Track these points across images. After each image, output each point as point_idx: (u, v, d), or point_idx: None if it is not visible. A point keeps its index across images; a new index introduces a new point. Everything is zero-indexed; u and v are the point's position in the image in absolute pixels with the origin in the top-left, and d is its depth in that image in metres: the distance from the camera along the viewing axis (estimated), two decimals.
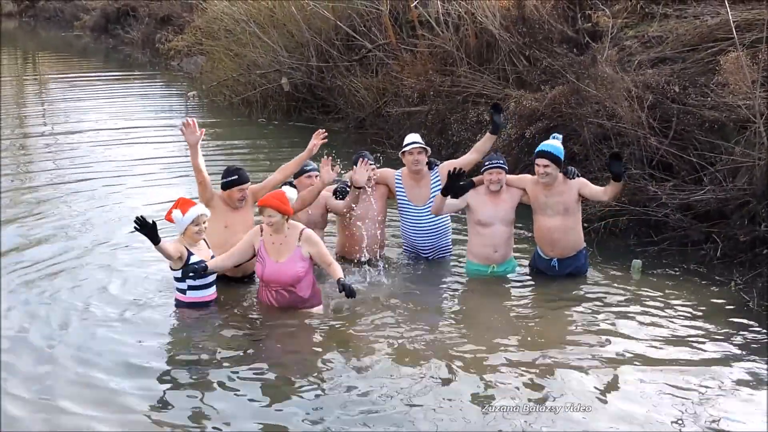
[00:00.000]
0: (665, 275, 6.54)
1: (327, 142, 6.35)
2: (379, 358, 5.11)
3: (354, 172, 6.22)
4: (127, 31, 27.53)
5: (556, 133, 6.46)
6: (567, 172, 6.17)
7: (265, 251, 5.58)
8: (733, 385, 4.78)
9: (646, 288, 6.26)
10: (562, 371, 4.92)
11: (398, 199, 6.71)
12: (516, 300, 6.15)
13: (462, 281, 6.47)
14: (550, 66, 9.04)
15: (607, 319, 5.71)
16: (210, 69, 15.83)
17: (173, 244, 5.52)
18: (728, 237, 6.73)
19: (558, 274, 6.31)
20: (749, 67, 7.07)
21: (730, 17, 7.63)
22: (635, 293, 6.17)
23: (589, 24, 9.57)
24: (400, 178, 6.70)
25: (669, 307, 5.90)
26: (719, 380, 4.82)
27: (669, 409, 4.50)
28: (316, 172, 6.37)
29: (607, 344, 5.32)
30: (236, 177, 6.04)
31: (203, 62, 16.92)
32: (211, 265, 5.54)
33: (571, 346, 5.27)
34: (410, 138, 6.63)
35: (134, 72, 22.20)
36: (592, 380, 4.83)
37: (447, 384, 4.81)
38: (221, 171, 6.22)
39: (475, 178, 6.35)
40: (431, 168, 6.62)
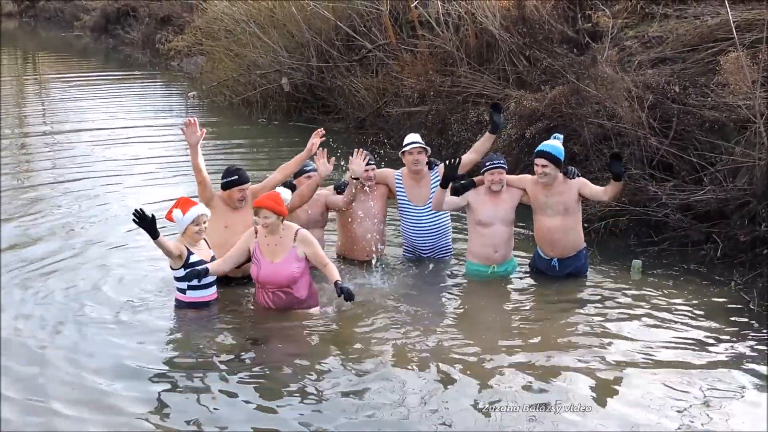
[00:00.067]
0: (665, 275, 6.53)
1: (326, 142, 6.33)
2: (379, 360, 5.09)
3: (351, 163, 6.23)
4: (127, 31, 27.50)
5: (557, 133, 6.46)
6: (567, 172, 6.17)
7: (260, 252, 5.55)
8: (734, 386, 4.77)
9: (647, 288, 6.26)
10: (563, 372, 4.91)
11: (398, 199, 6.71)
12: (516, 300, 6.15)
13: (462, 281, 6.46)
14: (551, 66, 9.04)
15: (608, 319, 5.70)
16: (210, 69, 15.81)
17: (173, 243, 5.51)
18: (728, 237, 6.73)
19: (558, 274, 6.30)
20: (749, 67, 7.07)
21: (730, 17, 7.63)
22: (635, 293, 6.16)
23: (589, 24, 9.57)
24: (401, 178, 6.70)
25: (669, 307, 5.90)
26: (720, 380, 4.81)
27: (669, 410, 4.49)
28: (315, 173, 6.37)
29: (608, 345, 5.31)
30: (236, 177, 6.04)
31: (203, 62, 16.90)
32: (210, 270, 5.52)
33: (571, 347, 5.26)
34: (410, 138, 6.63)
35: (134, 72, 22.17)
36: (593, 381, 4.82)
37: (447, 386, 4.79)
38: (221, 171, 6.21)
39: (476, 179, 6.34)
40: (431, 168, 6.62)
